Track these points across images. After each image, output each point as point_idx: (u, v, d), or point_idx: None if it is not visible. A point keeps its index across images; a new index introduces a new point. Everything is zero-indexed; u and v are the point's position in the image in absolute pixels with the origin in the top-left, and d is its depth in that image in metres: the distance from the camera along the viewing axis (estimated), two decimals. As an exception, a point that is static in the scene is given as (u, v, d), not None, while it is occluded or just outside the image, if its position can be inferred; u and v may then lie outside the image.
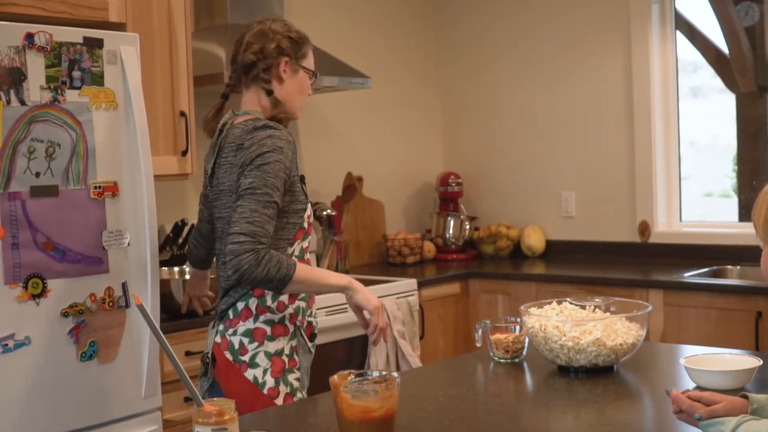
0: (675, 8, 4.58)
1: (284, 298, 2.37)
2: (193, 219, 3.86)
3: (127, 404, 2.83)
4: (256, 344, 2.35)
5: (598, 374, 2.19)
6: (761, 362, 2.03)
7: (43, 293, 2.60)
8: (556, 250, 4.85)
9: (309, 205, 2.43)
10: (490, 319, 2.48)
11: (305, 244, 2.41)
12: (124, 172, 2.81)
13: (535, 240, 4.84)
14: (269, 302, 2.37)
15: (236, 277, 2.20)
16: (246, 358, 2.35)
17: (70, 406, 2.68)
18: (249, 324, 2.37)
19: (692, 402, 1.67)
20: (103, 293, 2.75)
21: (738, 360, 2.07)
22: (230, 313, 2.40)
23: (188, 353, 3.26)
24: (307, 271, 2.28)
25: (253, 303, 2.38)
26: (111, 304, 2.76)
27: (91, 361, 2.73)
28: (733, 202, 4.77)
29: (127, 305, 2.81)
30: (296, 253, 2.38)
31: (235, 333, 2.38)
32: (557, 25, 4.81)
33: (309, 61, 2.51)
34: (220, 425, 1.64)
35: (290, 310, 2.40)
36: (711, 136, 4.80)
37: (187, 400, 3.24)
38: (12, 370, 2.55)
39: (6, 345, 2.54)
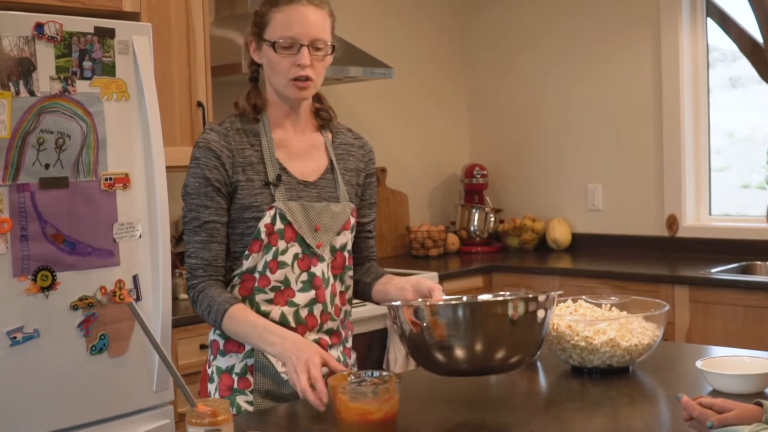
0: (706, -4, 4.47)
1: None
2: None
3: (139, 398, 2.81)
4: (212, 357, 2.14)
5: (612, 375, 2.12)
6: (781, 366, 1.95)
7: (52, 286, 2.59)
8: (582, 244, 4.77)
9: (273, 212, 2.05)
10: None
11: (269, 257, 2.05)
12: (135, 163, 2.78)
13: (560, 233, 4.76)
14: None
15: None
16: (209, 371, 2.14)
17: (80, 399, 2.67)
18: (211, 334, 2.15)
19: (704, 409, 1.61)
20: (113, 286, 2.72)
21: (756, 363, 1.99)
22: None
23: (203, 347, 3.23)
24: (236, 324, 1.99)
25: None
26: (122, 297, 2.74)
27: (102, 355, 2.71)
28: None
29: (139, 298, 2.78)
30: (259, 268, 2.05)
31: (208, 341, 2.18)
32: (585, 15, 4.72)
33: (272, 31, 2.05)
34: (214, 426, 1.61)
35: None
36: (749, 127, 4.68)
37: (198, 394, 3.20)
38: (20, 364, 2.54)
39: (15, 338, 2.52)
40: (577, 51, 4.76)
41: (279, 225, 2.05)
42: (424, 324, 1.83)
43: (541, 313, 1.87)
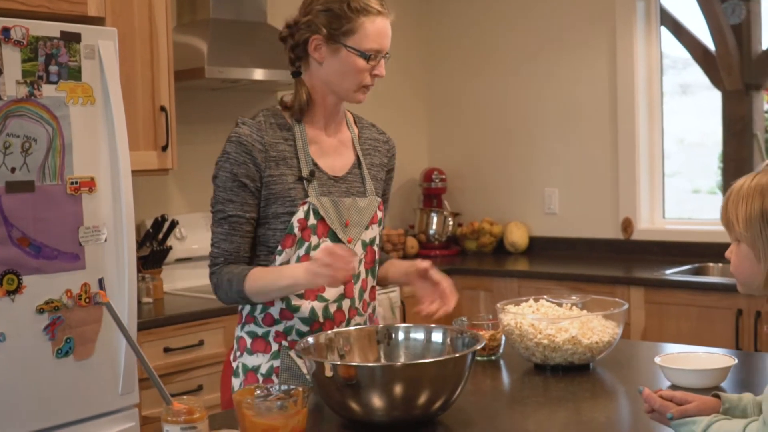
0: (660, 5, 4.57)
1: (274, 311, 2.11)
2: (173, 215, 3.85)
3: (104, 401, 2.82)
4: (239, 353, 2.18)
5: (574, 372, 2.18)
6: (736, 361, 2.03)
7: (18, 289, 2.59)
8: (539, 247, 4.85)
9: (306, 207, 2.08)
10: (468, 315, 2.46)
11: (302, 251, 2.08)
12: (101, 167, 2.79)
13: (518, 236, 4.84)
14: (257, 312, 2.14)
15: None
16: (234, 364, 2.19)
17: (46, 403, 2.66)
18: (238, 330, 2.19)
19: (664, 401, 1.67)
20: (79, 289, 2.73)
21: (713, 359, 2.06)
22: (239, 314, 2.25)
23: (167, 349, 3.24)
24: (258, 279, 2.03)
25: (245, 309, 2.18)
26: (87, 300, 2.74)
27: (68, 358, 2.71)
28: (720, 199, 4.77)
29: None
30: (292, 263, 2.08)
31: (235, 336, 2.22)
32: (542, 23, 4.81)
33: (359, 39, 2.07)
34: (189, 423, 1.63)
35: (279, 327, 2.12)
36: (699, 133, 4.80)
37: (165, 396, 3.22)
38: (-14, 367, 2.53)
39: (-20, 341, 2.52)
40: (535, 58, 4.84)
41: (312, 220, 2.09)
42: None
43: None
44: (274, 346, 2.12)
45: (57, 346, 2.68)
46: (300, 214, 2.08)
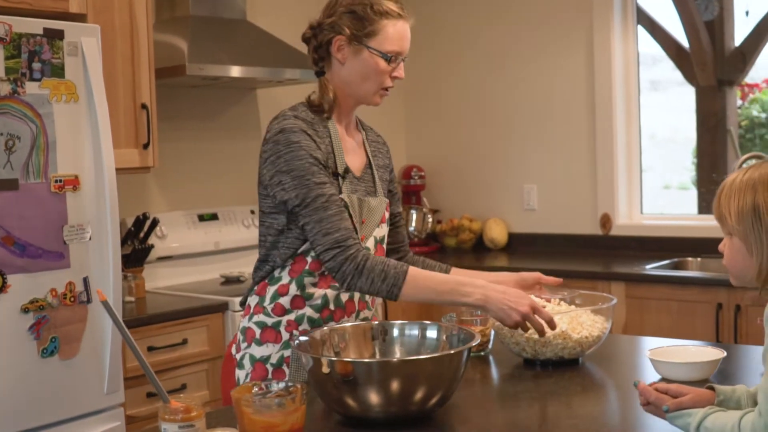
0: (636, 2, 4.61)
1: (285, 301, 2.13)
2: (155, 213, 3.83)
3: (90, 400, 2.80)
4: (245, 344, 2.18)
5: (564, 367, 2.20)
6: (725, 354, 2.05)
7: (3, 288, 2.56)
8: (518, 243, 4.87)
9: (341, 203, 2.09)
10: (455, 312, 2.46)
11: None
12: (85, 165, 2.77)
13: (497, 233, 4.86)
14: (267, 302, 2.15)
15: (346, 289, 2.09)
16: (238, 356, 2.19)
17: (32, 403, 2.64)
18: (245, 321, 2.20)
19: (660, 394, 1.69)
20: (64, 288, 2.71)
21: (702, 351, 2.09)
22: (244, 306, 2.26)
23: (151, 348, 3.22)
24: (422, 282, 2.02)
25: (253, 300, 2.19)
26: (72, 299, 2.73)
27: (53, 357, 2.69)
28: (692, 195, 4.83)
29: (89, 300, 2.78)
30: (312, 253, 2.10)
31: (240, 328, 2.23)
32: (520, 19, 4.83)
33: (381, 40, 2.13)
34: (187, 422, 1.62)
35: (290, 316, 2.14)
36: (671, 129, 4.84)
37: (150, 395, 3.21)
38: (-29, 367, 2.51)
39: (-35, 341, 2.49)
40: (513, 54, 4.86)
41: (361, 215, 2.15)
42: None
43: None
44: (285, 336, 2.14)
45: (42, 345, 2.66)
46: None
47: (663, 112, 4.73)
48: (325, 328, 2.01)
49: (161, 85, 3.63)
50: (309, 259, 2.12)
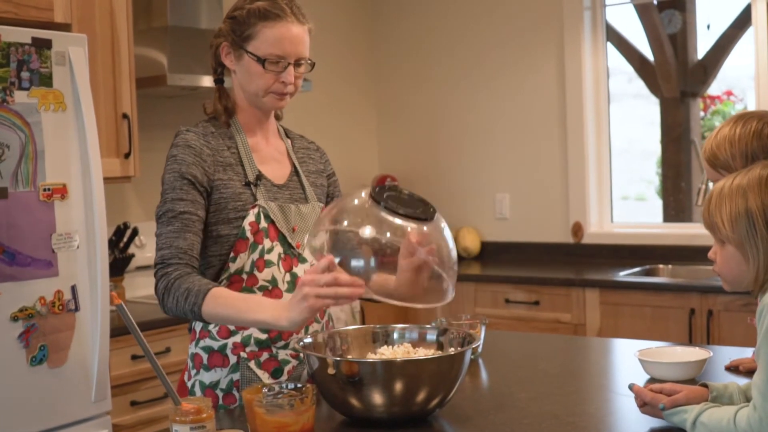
0: (605, 15, 4.71)
1: None
2: (134, 222, 3.84)
3: (77, 408, 2.79)
4: (195, 371, 2.11)
5: (554, 369, 2.25)
6: (711, 354, 2.12)
7: (-8, 297, 2.56)
8: (490, 251, 4.94)
9: (257, 210, 2.08)
10: (445, 318, 2.51)
11: (256, 255, 2.07)
12: (72, 174, 2.78)
13: (470, 241, 4.92)
14: (211, 326, 2.08)
15: (163, 309, 2.01)
16: (189, 383, 2.13)
17: (20, 411, 2.63)
18: (192, 347, 2.13)
19: (655, 394, 1.75)
20: (52, 296, 2.71)
21: (689, 352, 2.15)
22: (190, 332, 2.19)
23: (134, 357, 3.23)
24: (221, 305, 1.90)
25: (198, 325, 2.12)
26: (61, 307, 2.73)
27: (41, 366, 2.69)
28: (649, 205, 4.94)
29: (77, 309, 2.78)
30: (246, 268, 2.06)
31: (189, 354, 2.16)
32: (492, 30, 4.90)
33: (258, 44, 2.06)
34: (198, 423, 1.65)
35: (236, 338, 2.08)
36: (625, 141, 4.94)
37: (133, 404, 3.21)
38: (-39, 376, 2.50)
39: (-45, 350, 2.49)
40: (485, 65, 4.94)
41: (263, 223, 2.08)
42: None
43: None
44: (233, 359, 2.07)
45: (31, 353, 2.66)
46: (251, 217, 2.07)
47: (618, 124, 4.82)
48: (327, 331, 2.04)
49: (141, 95, 3.64)
50: (245, 276, 2.07)
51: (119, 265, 3.64)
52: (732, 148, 2.01)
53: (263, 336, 2.08)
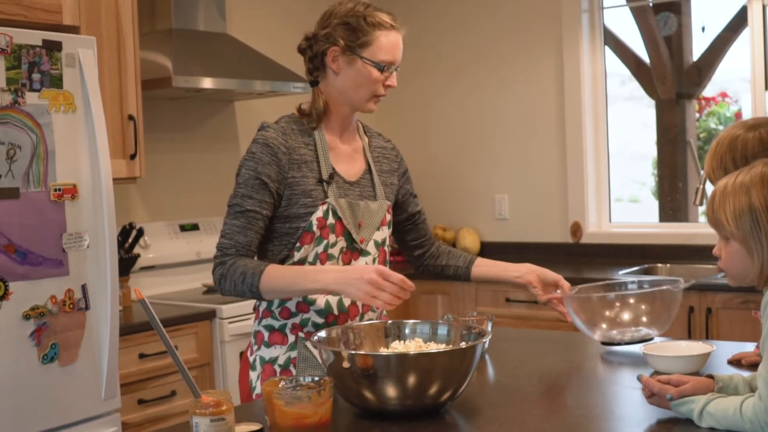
0: (603, 18, 4.76)
1: (291, 305, 2.22)
2: (140, 223, 3.87)
3: (88, 406, 2.83)
4: (256, 347, 2.27)
5: (561, 365, 2.29)
6: (714, 348, 2.16)
7: (5, 296, 2.60)
8: (490, 251, 4.97)
9: (326, 207, 2.19)
10: (452, 315, 2.54)
11: (320, 249, 2.20)
12: (82, 174, 2.82)
13: (470, 242, 4.96)
14: (274, 306, 2.24)
15: (222, 294, 2.19)
16: (251, 358, 2.28)
17: (32, 409, 2.68)
18: (255, 325, 2.30)
19: (663, 384, 1.79)
20: (63, 295, 2.75)
21: (693, 346, 2.20)
22: (255, 311, 2.34)
23: (141, 356, 3.26)
24: (276, 278, 2.09)
25: (262, 305, 2.27)
26: (71, 306, 2.77)
27: (53, 364, 2.73)
28: (643, 207, 4.98)
29: (87, 307, 2.82)
30: (309, 259, 2.19)
31: (252, 332, 2.32)
32: (492, 31, 4.94)
33: (374, 51, 2.23)
34: (218, 415, 1.68)
35: (296, 320, 2.23)
36: (619, 143, 4.98)
37: (141, 402, 3.25)
38: (-25, 373, 2.54)
39: (-31, 348, 2.52)
40: (485, 67, 4.98)
41: (331, 220, 2.21)
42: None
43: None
44: (291, 338, 2.23)
45: (43, 351, 2.70)
46: (319, 213, 2.19)
47: (611, 126, 4.86)
48: (340, 326, 2.08)
49: (147, 97, 3.68)
50: (307, 266, 2.19)
51: (125, 265, 3.68)
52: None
53: (320, 320, 2.22)
